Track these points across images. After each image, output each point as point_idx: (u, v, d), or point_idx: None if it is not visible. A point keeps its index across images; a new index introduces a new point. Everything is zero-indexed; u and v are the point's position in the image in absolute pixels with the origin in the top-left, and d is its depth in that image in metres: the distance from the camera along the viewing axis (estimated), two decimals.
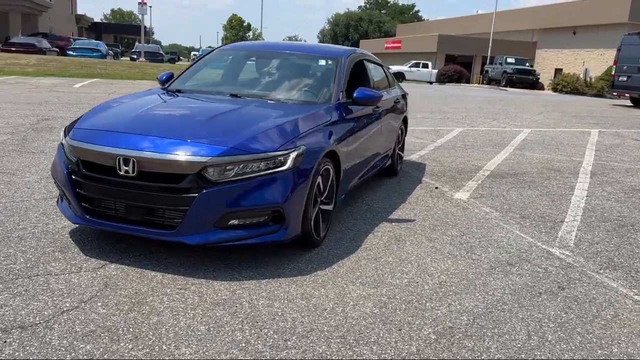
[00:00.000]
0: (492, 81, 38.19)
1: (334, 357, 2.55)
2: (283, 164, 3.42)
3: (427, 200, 5.50)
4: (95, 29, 63.24)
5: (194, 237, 3.30)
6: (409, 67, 41.68)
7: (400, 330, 2.85)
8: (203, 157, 3.23)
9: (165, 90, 4.73)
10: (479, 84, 40.55)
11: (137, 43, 42.30)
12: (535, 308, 3.19)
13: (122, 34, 71.39)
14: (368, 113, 4.95)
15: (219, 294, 3.12)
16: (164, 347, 2.56)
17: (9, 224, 4.02)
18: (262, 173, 3.35)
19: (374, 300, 3.16)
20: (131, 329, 2.68)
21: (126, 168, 3.28)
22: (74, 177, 3.51)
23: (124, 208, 3.38)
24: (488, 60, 41.62)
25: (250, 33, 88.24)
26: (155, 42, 73.71)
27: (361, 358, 2.57)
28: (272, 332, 2.74)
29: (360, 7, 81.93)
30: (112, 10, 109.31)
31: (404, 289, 3.34)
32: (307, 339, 2.70)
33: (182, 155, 3.24)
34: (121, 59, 38.72)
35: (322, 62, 4.93)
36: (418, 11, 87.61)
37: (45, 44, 31.54)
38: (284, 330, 2.77)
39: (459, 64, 44.41)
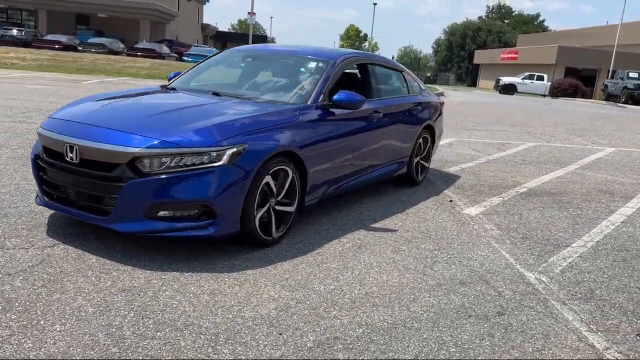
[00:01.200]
0: (611, 97, 34.94)
1: (189, 353, 2.53)
2: (217, 159, 3.45)
3: (428, 212, 5.22)
4: (219, 38, 67.34)
5: (124, 225, 3.44)
6: (522, 78, 39.62)
7: (281, 334, 2.75)
8: (132, 148, 3.35)
9: (162, 87, 4.96)
10: (599, 99, 37.44)
11: None
12: (449, 330, 2.92)
13: (246, 43, 75.33)
14: (360, 117, 4.80)
15: (133, 281, 3.21)
16: (42, 321, 2.69)
17: (7, 202, 4.44)
18: (193, 167, 3.40)
19: (279, 303, 3.08)
20: (27, 303, 2.86)
21: (71, 155, 3.50)
22: (38, 162, 3.81)
23: (75, 193, 3.61)
24: (609, 75, 38.28)
25: (367, 43, 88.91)
26: None
27: (216, 357, 2.52)
28: (150, 322, 2.77)
29: (480, 17, 79.32)
30: (239, 21, 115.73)
31: (321, 296, 3.22)
32: (180, 332, 2.71)
33: (113, 145, 3.39)
34: None
35: (313, 64, 4.88)
36: (543, 21, 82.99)
37: (165, 49, 34.23)
38: (164, 322, 2.79)
39: (581, 77, 41.47)
